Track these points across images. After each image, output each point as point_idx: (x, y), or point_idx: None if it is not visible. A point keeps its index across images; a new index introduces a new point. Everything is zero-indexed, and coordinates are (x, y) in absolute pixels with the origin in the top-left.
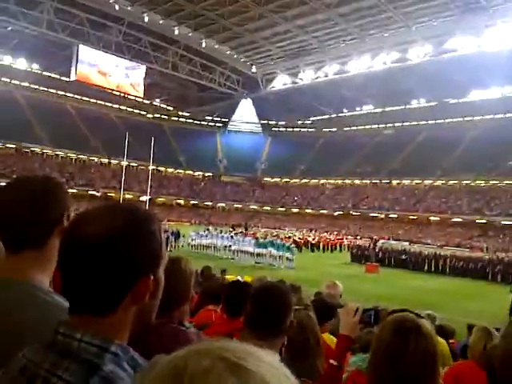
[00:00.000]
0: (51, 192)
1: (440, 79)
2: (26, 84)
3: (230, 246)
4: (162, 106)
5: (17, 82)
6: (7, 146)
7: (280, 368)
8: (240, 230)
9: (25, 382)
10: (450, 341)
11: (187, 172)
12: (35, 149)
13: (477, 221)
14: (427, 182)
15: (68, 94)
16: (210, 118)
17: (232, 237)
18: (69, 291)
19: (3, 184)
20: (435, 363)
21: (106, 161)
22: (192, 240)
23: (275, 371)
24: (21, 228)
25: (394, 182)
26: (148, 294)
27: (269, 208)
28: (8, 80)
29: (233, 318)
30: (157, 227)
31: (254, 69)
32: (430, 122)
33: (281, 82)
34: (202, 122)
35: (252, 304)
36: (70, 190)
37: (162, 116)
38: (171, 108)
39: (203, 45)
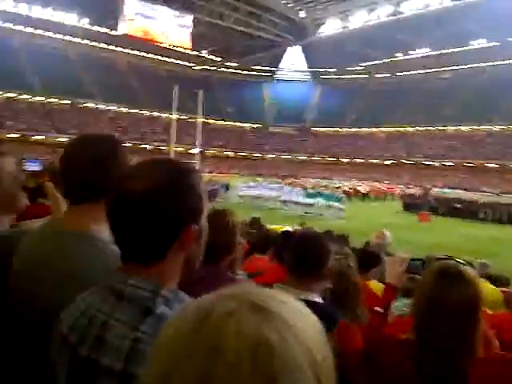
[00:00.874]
0: (114, 152)
1: (502, 16)
2: (77, 39)
3: (280, 196)
4: (209, 57)
5: (68, 38)
6: (61, 101)
7: (301, 309)
8: (289, 181)
9: (86, 322)
10: (504, 289)
11: (235, 123)
12: (88, 104)
13: None
14: (485, 127)
15: (116, 48)
16: (258, 67)
17: (281, 187)
18: (119, 242)
19: (70, 139)
20: (477, 310)
21: (156, 114)
22: (241, 191)
23: (298, 314)
24: (84, 182)
25: (450, 129)
26: (193, 242)
27: (318, 158)
28: (60, 36)
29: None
30: (196, 180)
31: (302, 14)
32: (490, 63)
33: (331, 27)
34: (250, 72)
35: (291, 251)
36: (124, 145)
37: (210, 67)
38: (218, 59)
39: None
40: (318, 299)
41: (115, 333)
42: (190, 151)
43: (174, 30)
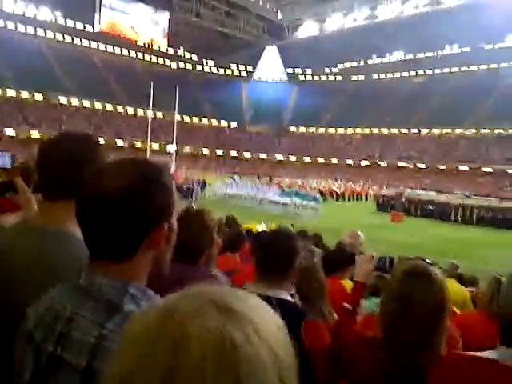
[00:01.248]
0: (92, 149)
1: (475, 24)
2: (51, 34)
3: (255, 195)
4: (187, 55)
5: (41, 32)
6: (34, 96)
7: (265, 308)
8: (265, 180)
9: (52, 318)
10: (472, 289)
11: (213, 122)
12: (62, 100)
13: (508, 171)
14: (458, 131)
15: (92, 44)
16: (235, 66)
17: (257, 186)
18: (88, 239)
19: (49, 137)
20: (443, 310)
21: (132, 111)
22: (218, 189)
23: (262, 312)
24: (60, 179)
25: (424, 132)
26: (163, 241)
27: (294, 158)
28: (34, 30)
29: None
30: (168, 179)
31: (279, 15)
32: (462, 68)
33: (307, 28)
34: (227, 72)
35: (259, 249)
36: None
37: (187, 66)
38: (196, 57)
39: None
40: (287, 297)
41: (80, 329)
42: (166, 149)
43: (149, 27)
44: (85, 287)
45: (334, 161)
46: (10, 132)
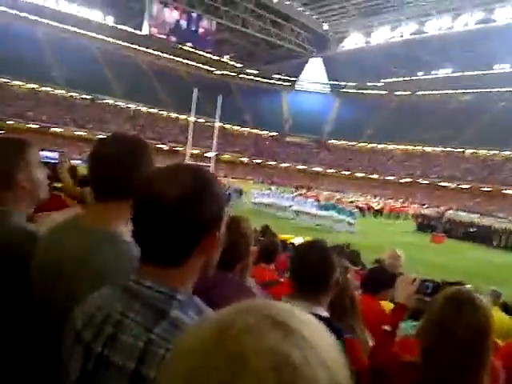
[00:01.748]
0: (142, 152)
1: None
2: (101, 37)
3: (292, 206)
4: (231, 62)
5: (93, 35)
6: (83, 97)
7: (319, 326)
8: (303, 192)
9: (101, 320)
10: None
11: (252, 130)
12: (109, 101)
13: None
14: (504, 153)
15: (140, 48)
16: (278, 76)
17: (294, 197)
18: (141, 243)
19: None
20: (487, 337)
21: (174, 115)
22: (254, 198)
23: (314, 329)
24: (110, 180)
25: (468, 152)
26: (213, 249)
27: (333, 171)
28: (84, 32)
29: None
30: (220, 189)
31: (325, 26)
32: (511, 88)
33: (353, 41)
34: (270, 81)
35: (296, 262)
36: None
37: (230, 73)
38: (239, 65)
39: (274, 0)
40: (325, 313)
41: (129, 332)
42: (205, 154)
43: (198, 33)
44: (134, 290)
45: (374, 176)
46: (57, 130)
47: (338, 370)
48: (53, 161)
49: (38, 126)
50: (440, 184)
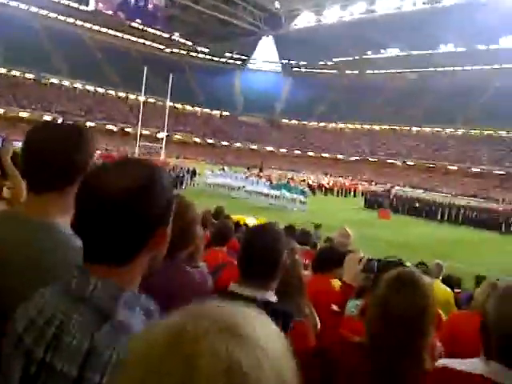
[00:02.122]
0: (80, 140)
1: (470, 24)
2: (45, 12)
3: (245, 186)
4: (181, 40)
5: (35, 10)
6: (26, 75)
7: (270, 328)
8: (255, 172)
9: (42, 323)
10: (456, 290)
11: (204, 110)
12: (53, 80)
13: (495, 172)
14: (448, 130)
15: (86, 25)
16: (230, 54)
17: (247, 177)
18: (85, 240)
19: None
20: (425, 316)
21: (123, 95)
22: (207, 179)
23: (265, 331)
24: (47, 171)
25: (414, 129)
26: (163, 243)
27: (285, 150)
28: (26, 7)
29: None
30: (168, 182)
31: (277, 4)
32: (456, 68)
33: (305, 19)
34: (221, 59)
35: (243, 247)
36: (88, 123)
37: (181, 51)
38: (190, 43)
39: None
40: (273, 298)
41: (72, 336)
42: (156, 135)
43: (146, 10)
44: (78, 291)
45: (325, 155)
46: None
47: (287, 371)
48: None
49: None
50: (388, 161)
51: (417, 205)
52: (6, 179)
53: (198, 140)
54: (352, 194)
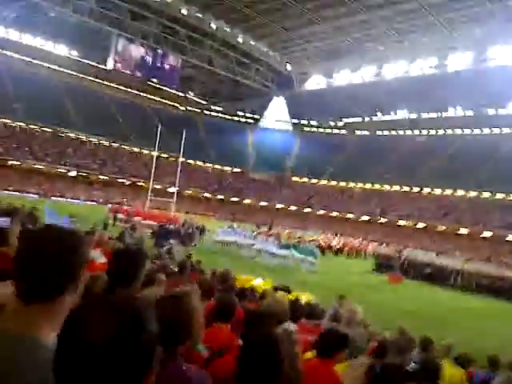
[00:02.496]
0: (73, 248)
1: (478, 88)
2: (65, 70)
3: (254, 244)
4: (196, 99)
5: (56, 68)
6: (43, 129)
7: None
8: (264, 229)
9: None
10: (470, 369)
11: (216, 166)
12: (70, 134)
13: (508, 238)
14: (459, 193)
15: (104, 82)
16: (242, 113)
17: (255, 236)
18: None
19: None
20: None
21: (137, 150)
22: (217, 236)
23: None
24: (39, 279)
25: (425, 191)
26: None
27: (295, 208)
28: (48, 65)
29: None
30: (153, 321)
31: (288, 67)
32: (465, 131)
33: (315, 81)
34: (234, 118)
35: (242, 360)
36: (101, 177)
37: (195, 109)
38: (204, 102)
39: (240, 40)
40: None
41: None
42: (167, 189)
43: (163, 70)
44: None
45: (334, 214)
46: (14, 162)
47: None
48: (3, 226)
49: None
50: (398, 222)
51: (428, 270)
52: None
53: (208, 196)
54: (363, 255)
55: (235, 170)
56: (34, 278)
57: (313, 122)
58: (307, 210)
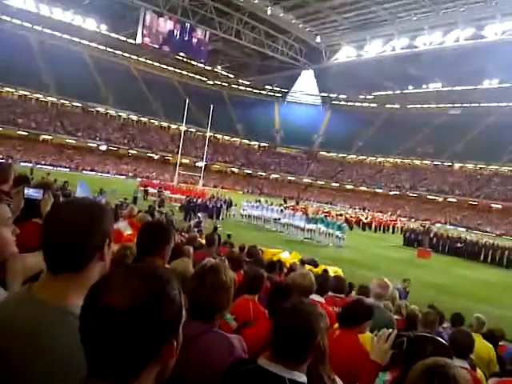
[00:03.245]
0: (98, 218)
1: None
2: (94, 45)
3: (280, 219)
4: (223, 73)
5: (85, 43)
6: (74, 104)
7: None
8: (291, 204)
9: None
10: (500, 343)
11: (243, 141)
12: (100, 109)
13: None
14: (492, 167)
15: (133, 57)
16: (270, 87)
17: (282, 210)
18: (90, 355)
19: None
20: None
21: (165, 124)
22: (244, 210)
23: None
24: (66, 251)
25: (456, 165)
26: (171, 357)
27: (322, 182)
28: (78, 40)
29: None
30: (177, 291)
31: (318, 39)
32: (500, 104)
33: (345, 54)
34: (262, 92)
35: (275, 329)
36: (131, 151)
37: (223, 83)
38: (232, 76)
39: (268, 12)
40: (302, 378)
41: None
42: (195, 164)
43: (191, 44)
44: None
45: (363, 188)
46: (46, 137)
47: None
48: (36, 197)
49: (27, 133)
50: (428, 197)
51: (459, 245)
52: None
53: (235, 170)
54: (391, 230)
55: (263, 144)
56: (61, 249)
57: (342, 96)
58: (335, 184)
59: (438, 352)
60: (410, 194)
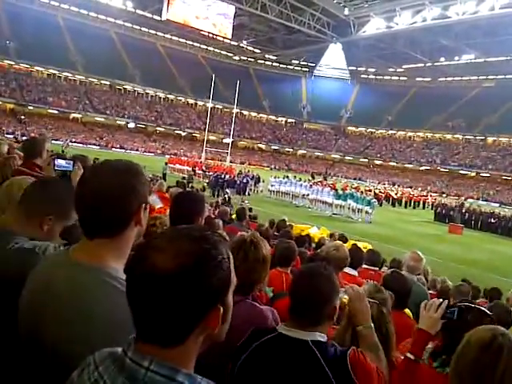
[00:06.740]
0: (133, 183)
1: None
2: (120, 22)
3: (308, 194)
4: (249, 48)
5: (112, 20)
6: (102, 82)
7: None
8: (319, 180)
9: None
10: None
11: (270, 117)
12: (127, 86)
13: None
14: None
15: (159, 34)
16: (297, 62)
17: (311, 186)
18: (137, 319)
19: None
20: None
21: (192, 101)
22: (271, 186)
23: None
24: (99, 217)
25: (490, 139)
26: (218, 323)
27: (351, 158)
28: (104, 17)
29: None
30: (226, 253)
31: (346, 11)
32: None
33: (374, 26)
34: (288, 66)
35: (293, 292)
36: (158, 129)
37: (249, 59)
38: (258, 50)
39: None
40: (320, 338)
41: None
42: (222, 140)
43: (216, 19)
44: (130, 371)
45: (392, 163)
46: (76, 115)
47: None
48: (67, 168)
49: (57, 112)
50: (460, 172)
51: (492, 220)
52: None
53: (262, 146)
54: (421, 205)
55: (290, 120)
56: (95, 216)
57: (371, 69)
58: (363, 160)
59: (487, 323)
60: (441, 169)
